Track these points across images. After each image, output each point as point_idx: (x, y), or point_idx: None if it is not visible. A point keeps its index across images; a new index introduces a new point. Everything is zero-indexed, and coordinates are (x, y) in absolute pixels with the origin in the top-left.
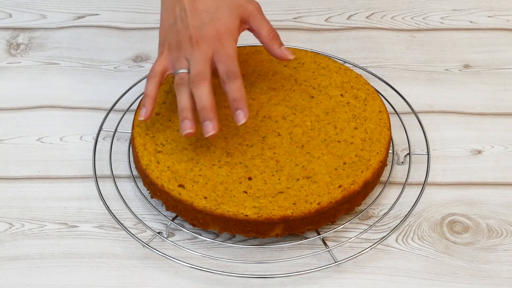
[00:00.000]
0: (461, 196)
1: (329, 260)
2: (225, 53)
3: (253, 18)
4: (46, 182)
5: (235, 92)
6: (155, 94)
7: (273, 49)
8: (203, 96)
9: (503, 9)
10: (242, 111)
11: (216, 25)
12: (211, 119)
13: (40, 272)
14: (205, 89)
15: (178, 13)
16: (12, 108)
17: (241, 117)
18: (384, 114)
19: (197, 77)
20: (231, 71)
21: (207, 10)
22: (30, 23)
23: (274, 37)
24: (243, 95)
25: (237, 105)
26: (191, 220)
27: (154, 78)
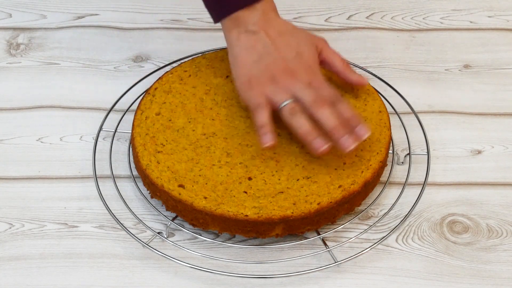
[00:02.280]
0: (461, 196)
1: (329, 260)
2: (320, 81)
3: (326, 51)
4: (46, 182)
5: (349, 110)
6: (269, 121)
7: (350, 76)
8: (330, 116)
9: (503, 9)
10: (363, 126)
11: (303, 57)
12: (347, 135)
13: (40, 272)
14: (329, 110)
15: (262, 50)
16: (12, 108)
17: (364, 132)
18: (384, 114)
19: (317, 102)
20: (336, 94)
21: (290, 45)
22: (30, 23)
23: (347, 65)
24: (356, 112)
25: (356, 122)
26: (191, 220)
27: (263, 109)
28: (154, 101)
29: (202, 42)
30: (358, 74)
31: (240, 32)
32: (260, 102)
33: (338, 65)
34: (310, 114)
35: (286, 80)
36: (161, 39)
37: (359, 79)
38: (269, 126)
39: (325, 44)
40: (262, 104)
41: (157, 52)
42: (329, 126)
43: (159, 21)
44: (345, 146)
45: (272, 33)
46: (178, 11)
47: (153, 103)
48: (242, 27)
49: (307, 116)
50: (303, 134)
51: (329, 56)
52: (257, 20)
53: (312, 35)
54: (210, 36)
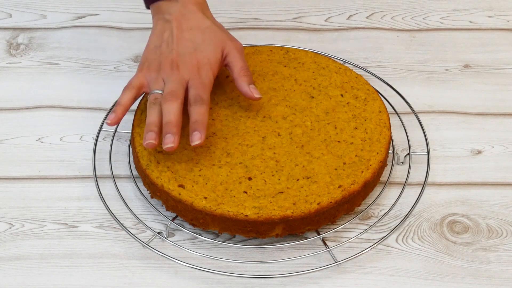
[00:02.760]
0: (461, 196)
1: (329, 260)
2: (199, 81)
3: (231, 55)
4: (46, 182)
5: (198, 115)
6: (128, 104)
7: (241, 85)
8: (171, 112)
9: (503, 9)
10: (199, 133)
11: (198, 55)
12: (174, 133)
13: (40, 272)
14: (174, 106)
15: (166, 38)
16: (12, 108)
17: (196, 138)
18: (384, 114)
19: (169, 95)
20: (200, 97)
21: (193, 40)
22: (30, 23)
23: (245, 74)
24: (204, 120)
25: (196, 126)
26: (191, 220)
27: (130, 90)
28: None
29: None
30: (251, 87)
31: (158, 19)
32: (135, 84)
33: (235, 71)
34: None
35: (167, 71)
36: None
37: (247, 91)
38: (121, 107)
39: (234, 49)
40: (133, 86)
41: None
42: (164, 119)
43: None
44: (165, 142)
45: (183, 25)
46: None
47: None
48: (161, 15)
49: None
50: (147, 123)
51: (232, 61)
52: (174, 11)
53: (226, 38)
54: None
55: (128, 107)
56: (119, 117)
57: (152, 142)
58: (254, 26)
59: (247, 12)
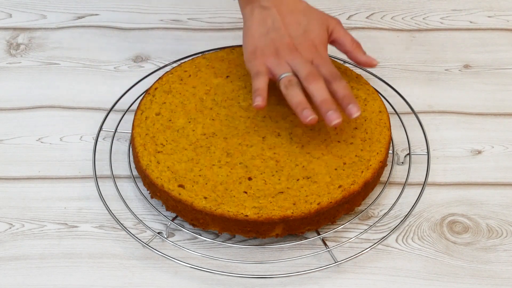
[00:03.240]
0: (461, 196)
1: (329, 260)
2: (323, 59)
3: (337, 31)
4: (46, 182)
5: (344, 89)
6: (266, 87)
7: (358, 56)
8: (321, 90)
9: (503, 9)
10: (355, 106)
11: (309, 36)
12: (334, 109)
13: (40, 272)
14: (321, 85)
15: (270, 24)
16: (12, 108)
17: (355, 110)
18: (384, 114)
19: (311, 76)
20: (335, 73)
21: (299, 22)
22: (30, 23)
23: (357, 45)
24: (352, 93)
25: (348, 101)
26: (191, 220)
27: (263, 75)
28: (154, 101)
29: (202, 42)
30: (367, 55)
31: (254, 7)
32: (261, 70)
33: (348, 45)
34: (304, 88)
35: (288, 54)
36: (161, 39)
37: (367, 60)
38: (263, 91)
39: (338, 24)
40: (262, 72)
41: (157, 52)
42: (317, 99)
43: (159, 21)
44: (330, 119)
45: (283, 9)
46: (178, 11)
47: (153, 103)
48: (256, 3)
49: (302, 89)
50: (295, 104)
51: (340, 36)
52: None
53: (325, 15)
54: (210, 36)
55: (267, 89)
56: (265, 97)
57: (313, 117)
58: None
59: None
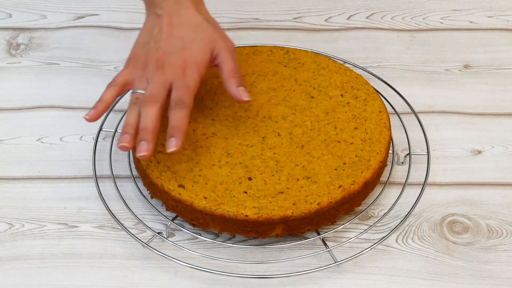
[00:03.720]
0: (461, 196)
1: (329, 260)
2: (183, 83)
3: (222, 55)
4: (46, 182)
5: (176, 120)
6: (110, 101)
7: (230, 86)
8: (148, 117)
9: (503, 9)
10: (175, 139)
11: (185, 55)
12: (148, 141)
13: (40, 272)
14: (152, 111)
15: (155, 34)
16: (12, 108)
17: (172, 145)
18: (384, 114)
19: (149, 98)
20: (181, 100)
21: (182, 38)
22: (30, 23)
23: (234, 75)
24: (183, 126)
25: (172, 132)
26: (191, 220)
27: (113, 87)
28: None
29: None
30: (241, 89)
31: (150, 13)
32: (118, 81)
33: (225, 72)
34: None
35: (152, 70)
36: None
37: (236, 93)
38: (103, 103)
39: (225, 49)
40: (117, 83)
41: None
42: (140, 125)
43: None
44: (138, 150)
45: (174, 21)
46: None
47: None
48: (152, 9)
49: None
50: (124, 124)
51: (222, 60)
52: (166, 5)
53: (217, 37)
54: None
55: (109, 104)
56: (99, 113)
57: (126, 145)
58: (254, 26)
59: (247, 12)
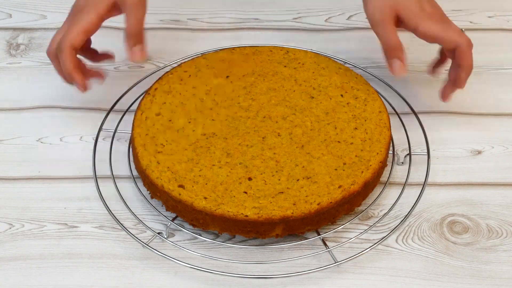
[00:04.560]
0: (461, 196)
1: (329, 261)
2: (74, 22)
3: (125, 7)
4: (46, 182)
5: (62, 66)
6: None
7: (126, 44)
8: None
9: (503, 9)
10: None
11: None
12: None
13: (40, 272)
14: (67, 58)
15: None
16: (12, 108)
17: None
18: (384, 114)
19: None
20: (62, 41)
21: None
22: (30, 23)
23: (134, 32)
24: (67, 69)
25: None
26: (191, 221)
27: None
28: (154, 102)
29: (202, 42)
30: (140, 46)
31: None
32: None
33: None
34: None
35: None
36: (161, 39)
37: (133, 52)
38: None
39: (125, 4)
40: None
41: (157, 52)
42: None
43: (159, 21)
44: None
45: None
46: (178, 11)
47: (153, 104)
48: None
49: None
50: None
51: (125, 19)
52: None
53: None
54: (210, 36)
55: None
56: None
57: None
58: (254, 26)
59: (247, 12)
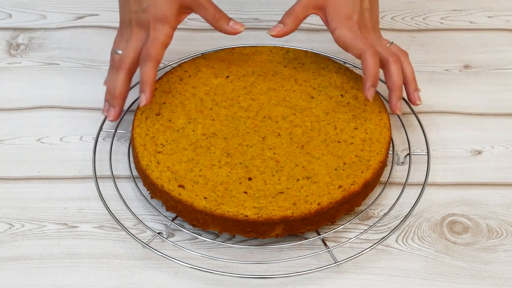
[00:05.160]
0: (461, 196)
1: (329, 261)
2: (151, 38)
3: (196, 5)
4: (46, 182)
5: (144, 74)
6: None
7: (222, 28)
8: (115, 82)
9: (503, 9)
10: (144, 94)
11: (152, 11)
12: (114, 105)
13: (40, 272)
14: (119, 76)
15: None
16: (12, 108)
17: (142, 100)
18: (384, 114)
19: (118, 63)
20: (147, 53)
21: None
22: (30, 23)
23: (221, 16)
24: (149, 78)
25: (141, 87)
26: (191, 221)
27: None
28: (154, 101)
29: (202, 42)
30: (234, 21)
31: None
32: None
33: (210, 20)
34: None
35: (127, 31)
36: None
37: (232, 28)
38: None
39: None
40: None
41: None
42: (108, 89)
43: None
44: (103, 110)
45: None
46: None
47: (153, 103)
48: None
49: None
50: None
51: (200, 10)
52: None
53: None
54: (210, 36)
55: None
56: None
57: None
58: (254, 26)
59: (247, 12)
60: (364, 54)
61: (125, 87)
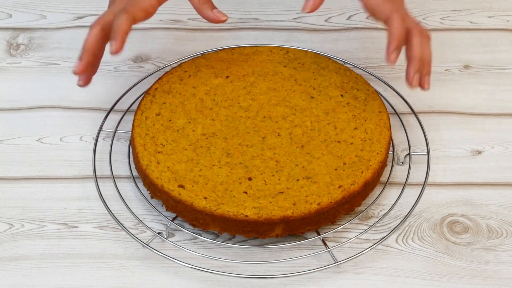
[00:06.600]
0: (461, 196)
1: (329, 261)
2: (133, 2)
3: None
4: (46, 182)
5: (116, 25)
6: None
7: (204, 13)
8: (87, 38)
9: (503, 9)
10: (114, 41)
11: None
12: (80, 58)
13: (40, 272)
14: (92, 32)
15: None
16: (12, 108)
17: (112, 49)
18: (384, 114)
19: (94, 22)
20: (124, 9)
21: None
22: (30, 24)
23: (205, 1)
24: (121, 28)
25: (111, 36)
26: (191, 221)
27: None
28: (154, 102)
29: (202, 42)
30: (215, 11)
31: None
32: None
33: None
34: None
35: (115, 3)
36: (161, 39)
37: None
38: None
39: None
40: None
41: (157, 53)
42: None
43: (159, 21)
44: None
45: None
46: (178, 11)
47: (153, 104)
48: None
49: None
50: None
51: None
52: None
53: None
54: (210, 36)
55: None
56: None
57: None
58: (254, 26)
59: (247, 12)
60: (391, 18)
61: (95, 42)
